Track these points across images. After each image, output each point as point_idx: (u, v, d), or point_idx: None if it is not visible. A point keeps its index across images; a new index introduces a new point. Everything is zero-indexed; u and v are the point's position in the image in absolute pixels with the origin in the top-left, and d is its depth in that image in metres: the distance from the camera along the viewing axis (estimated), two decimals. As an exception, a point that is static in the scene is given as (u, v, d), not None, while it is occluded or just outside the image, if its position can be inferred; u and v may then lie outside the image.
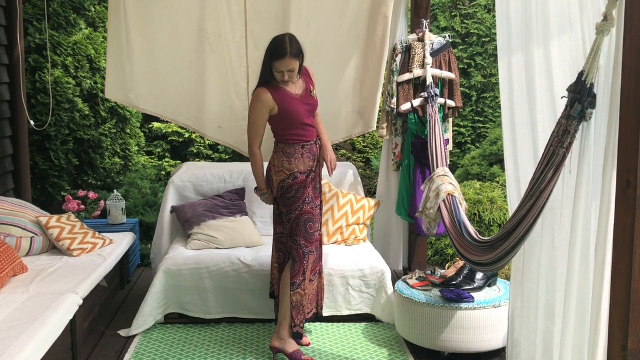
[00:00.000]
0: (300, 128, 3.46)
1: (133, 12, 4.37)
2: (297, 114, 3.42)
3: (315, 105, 3.56)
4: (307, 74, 3.58)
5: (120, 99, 4.55)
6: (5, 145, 4.72)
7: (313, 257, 3.49)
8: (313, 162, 3.52)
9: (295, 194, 3.46)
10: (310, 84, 3.57)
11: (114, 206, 4.91)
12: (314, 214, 3.50)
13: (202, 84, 4.57)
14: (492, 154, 6.06)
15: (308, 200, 3.48)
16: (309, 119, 3.51)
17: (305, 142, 3.49)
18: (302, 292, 3.45)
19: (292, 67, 3.33)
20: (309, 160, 3.50)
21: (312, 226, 3.48)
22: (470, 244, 2.96)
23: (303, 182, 3.47)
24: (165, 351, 3.59)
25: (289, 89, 3.45)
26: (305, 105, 3.48)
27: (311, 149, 3.51)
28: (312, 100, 3.53)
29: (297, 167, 3.46)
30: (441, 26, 6.92)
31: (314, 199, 3.53)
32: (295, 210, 3.46)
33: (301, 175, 3.47)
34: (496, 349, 3.44)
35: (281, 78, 3.36)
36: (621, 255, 1.93)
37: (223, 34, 4.48)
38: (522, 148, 2.56)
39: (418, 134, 4.35)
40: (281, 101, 3.40)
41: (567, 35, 2.28)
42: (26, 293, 3.30)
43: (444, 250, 5.30)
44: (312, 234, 3.48)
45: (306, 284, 3.46)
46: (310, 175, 3.52)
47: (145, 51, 4.46)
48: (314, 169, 3.53)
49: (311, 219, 3.48)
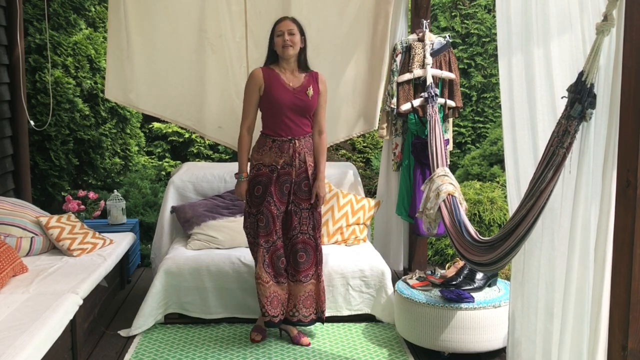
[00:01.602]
0: (281, 117, 3.49)
1: (133, 12, 4.37)
2: (281, 101, 3.47)
3: (307, 104, 3.54)
4: (315, 78, 3.61)
5: (120, 99, 4.55)
6: (5, 145, 4.72)
7: (261, 250, 3.54)
8: (280, 159, 3.52)
9: (262, 194, 3.52)
10: (312, 85, 3.57)
11: (114, 206, 4.90)
12: (272, 213, 3.53)
13: (202, 84, 4.57)
14: (492, 154, 6.06)
15: (269, 199, 3.52)
16: (294, 113, 3.51)
17: (278, 136, 3.52)
18: (259, 281, 3.56)
19: (291, 28, 3.45)
20: (276, 156, 3.52)
21: (263, 219, 3.52)
22: (470, 244, 2.96)
23: (266, 176, 3.51)
24: (165, 351, 3.59)
25: (284, 77, 3.51)
26: (294, 98, 3.50)
27: (282, 146, 3.52)
28: (304, 97, 3.53)
29: (262, 159, 3.54)
30: (441, 26, 6.92)
31: (277, 201, 3.54)
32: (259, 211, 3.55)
33: (264, 168, 3.53)
34: (496, 349, 3.44)
35: (282, 42, 3.44)
36: (621, 255, 1.93)
37: (223, 34, 4.48)
38: (522, 148, 2.56)
39: (418, 134, 4.35)
40: (269, 83, 3.49)
41: (567, 35, 2.28)
42: (26, 293, 3.30)
43: (444, 250, 5.30)
44: (262, 227, 3.53)
45: (262, 275, 3.54)
46: (275, 172, 3.52)
47: (145, 51, 4.46)
48: (279, 167, 3.52)
49: (267, 218, 3.52)
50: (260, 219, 3.55)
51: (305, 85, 3.55)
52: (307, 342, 3.67)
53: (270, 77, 3.50)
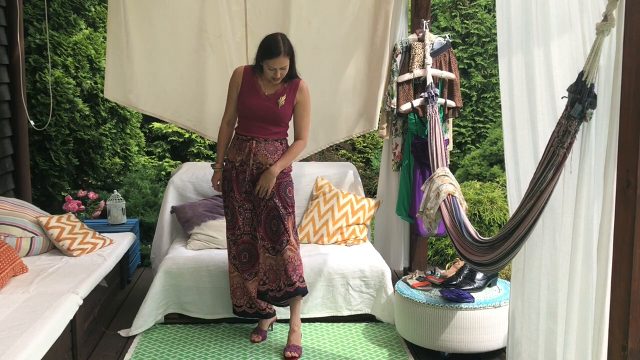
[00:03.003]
0: (247, 118, 3.57)
1: (133, 12, 4.36)
2: (249, 105, 3.54)
3: (275, 113, 3.50)
4: (295, 87, 3.55)
5: (120, 99, 4.54)
6: (5, 145, 4.72)
7: (228, 242, 3.71)
8: (239, 157, 3.59)
9: (227, 188, 3.66)
10: (287, 94, 3.53)
11: (114, 206, 4.90)
12: (234, 208, 3.64)
13: (202, 84, 4.56)
14: (492, 154, 6.06)
15: (231, 194, 3.64)
16: (261, 120, 3.52)
17: (240, 134, 3.61)
18: (229, 273, 3.76)
19: (284, 65, 3.42)
20: (236, 154, 3.61)
21: (229, 213, 3.68)
22: (470, 244, 2.96)
23: (229, 172, 3.64)
24: (165, 351, 3.59)
25: (261, 83, 3.55)
26: (263, 106, 3.52)
27: (241, 144, 3.59)
28: (274, 105, 3.51)
29: (228, 154, 3.67)
30: (441, 26, 6.92)
31: (238, 197, 3.63)
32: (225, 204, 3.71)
33: (229, 163, 3.64)
34: (496, 349, 3.44)
35: (273, 75, 3.44)
36: (621, 255, 1.93)
37: (223, 34, 4.48)
38: (522, 148, 2.56)
39: (418, 134, 4.35)
40: (245, 87, 3.56)
41: (567, 35, 2.28)
42: (26, 293, 3.30)
43: (444, 250, 5.30)
44: (228, 220, 3.70)
45: (229, 267, 3.75)
46: (235, 169, 3.61)
47: (144, 51, 4.45)
48: (237, 164, 3.59)
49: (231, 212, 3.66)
50: (226, 213, 3.72)
51: (279, 94, 3.52)
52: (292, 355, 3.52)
53: (249, 80, 3.57)
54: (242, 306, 3.78)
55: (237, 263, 3.72)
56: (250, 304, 3.77)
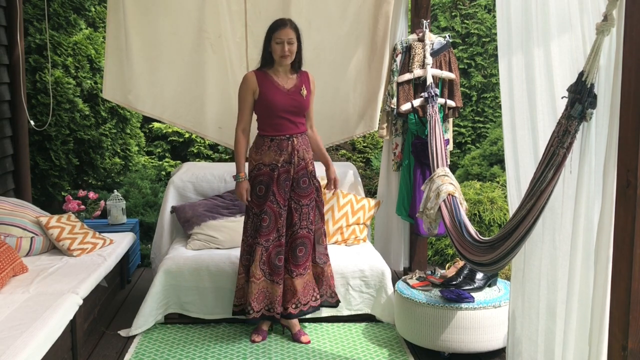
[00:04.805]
0: (277, 118, 3.55)
1: (132, 12, 4.36)
2: (276, 102, 3.53)
3: (302, 104, 3.62)
4: (306, 77, 3.70)
5: (119, 99, 4.53)
6: (5, 145, 4.72)
7: (260, 249, 3.58)
8: (279, 157, 3.57)
9: (265, 193, 3.57)
10: (305, 84, 3.65)
11: (114, 206, 4.90)
12: (274, 212, 3.59)
13: (202, 85, 4.56)
14: (492, 154, 6.06)
15: (272, 198, 3.58)
16: (290, 114, 3.58)
17: (276, 135, 3.58)
18: (251, 279, 3.62)
19: (291, 37, 3.48)
20: (275, 154, 3.58)
21: (267, 219, 3.58)
22: (470, 244, 2.96)
23: (268, 176, 3.57)
24: (165, 351, 3.59)
25: (277, 80, 3.57)
26: (290, 99, 3.57)
27: (280, 144, 3.58)
28: (299, 97, 3.60)
29: (262, 158, 3.60)
30: (441, 26, 6.92)
31: (280, 199, 3.58)
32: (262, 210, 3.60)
33: (265, 167, 3.58)
34: (496, 349, 3.44)
35: (281, 50, 3.48)
36: (621, 255, 1.93)
37: (223, 34, 4.48)
38: (522, 148, 2.56)
39: (418, 134, 4.35)
40: (264, 87, 3.55)
41: (567, 35, 2.28)
42: (26, 293, 3.30)
43: (444, 250, 5.30)
44: (264, 227, 3.58)
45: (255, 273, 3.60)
46: (276, 170, 3.57)
47: (144, 51, 4.45)
48: (279, 165, 3.57)
49: (270, 218, 3.59)
50: (263, 219, 3.59)
51: (299, 86, 3.62)
52: (307, 339, 3.69)
53: (264, 81, 3.57)
54: (261, 310, 3.65)
55: (267, 269, 3.63)
56: (269, 307, 3.66)
